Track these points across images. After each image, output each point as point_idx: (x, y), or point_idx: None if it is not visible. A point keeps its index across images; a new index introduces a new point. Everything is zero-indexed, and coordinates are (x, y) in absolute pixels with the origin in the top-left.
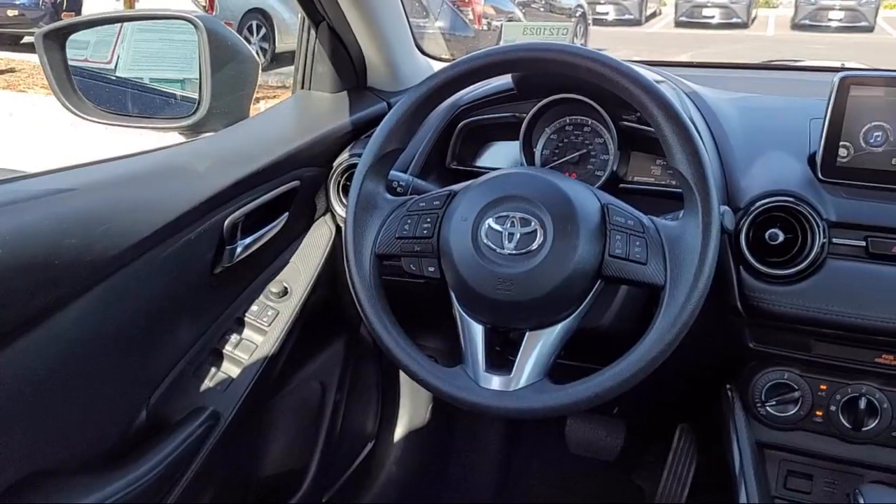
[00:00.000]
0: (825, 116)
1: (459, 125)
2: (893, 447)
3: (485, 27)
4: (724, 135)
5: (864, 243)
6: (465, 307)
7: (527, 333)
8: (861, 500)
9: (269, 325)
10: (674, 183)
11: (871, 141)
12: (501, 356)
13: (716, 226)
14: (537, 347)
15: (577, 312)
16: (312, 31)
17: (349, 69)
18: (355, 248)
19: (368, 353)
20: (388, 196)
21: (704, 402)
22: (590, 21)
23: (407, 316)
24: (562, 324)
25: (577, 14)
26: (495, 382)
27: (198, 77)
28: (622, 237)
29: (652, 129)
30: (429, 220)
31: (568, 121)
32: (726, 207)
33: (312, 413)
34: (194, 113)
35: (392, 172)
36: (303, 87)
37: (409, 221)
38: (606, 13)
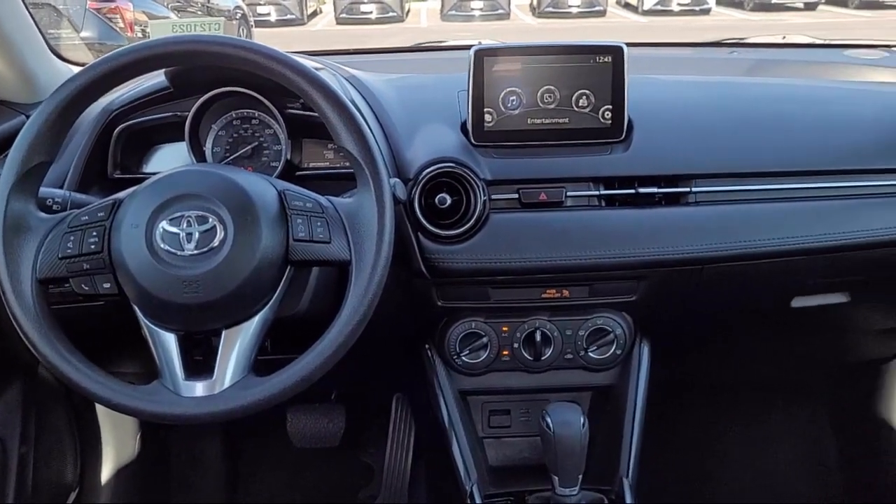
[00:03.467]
0: (468, 87)
1: (116, 130)
2: (567, 369)
3: (138, 34)
4: (385, 113)
5: (516, 195)
6: (152, 318)
7: (223, 332)
8: (548, 419)
9: None
10: (347, 163)
11: (509, 105)
12: (205, 364)
13: (388, 197)
14: (237, 344)
15: (271, 302)
16: None
17: None
18: (11, 278)
19: (53, 393)
20: (43, 215)
21: (412, 367)
22: (252, 23)
23: (93, 344)
24: (258, 316)
25: (238, 16)
26: (198, 389)
27: None
28: (303, 220)
29: (317, 114)
30: (95, 233)
31: (234, 115)
32: (396, 179)
33: None
34: None
35: (43, 189)
36: None
37: (72, 238)
38: (268, 14)
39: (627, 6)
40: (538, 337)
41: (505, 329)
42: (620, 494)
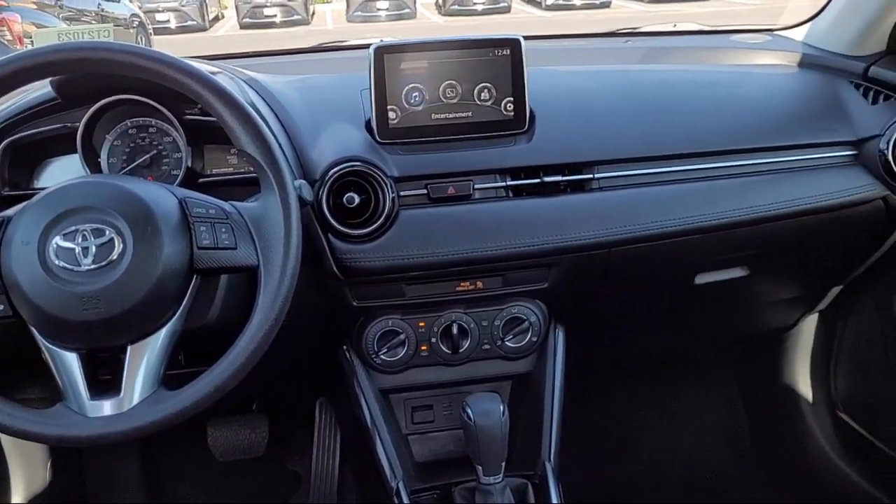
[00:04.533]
0: (370, 85)
1: (1, 145)
2: (486, 359)
3: (28, 46)
4: (287, 114)
5: (425, 191)
6: (51, 339)
7: (129, 348)
8: (469, 411)
9: None
10: (252, 168)
11: (412, 101)
12: (112, 382)
13: (293, 199)
14: (144, 359)
15: (178, 313)
16: None
17: None
18: None
19: None
20: None
21: (332, 369)
22: (150, 31)
23: None
24: (165, 328)
25: (135, 24)
26: (106, 408)
27: None
28: (207, 227)
29: (216, 119)
30: None
31: (129, 124)
32: (302, 181)
33: None
34: None
35: None
36: None
37: None
38: (167, 21)
39: (531, 2)
40: (455, 330)
41: (421, 324)
42: (544, 478)
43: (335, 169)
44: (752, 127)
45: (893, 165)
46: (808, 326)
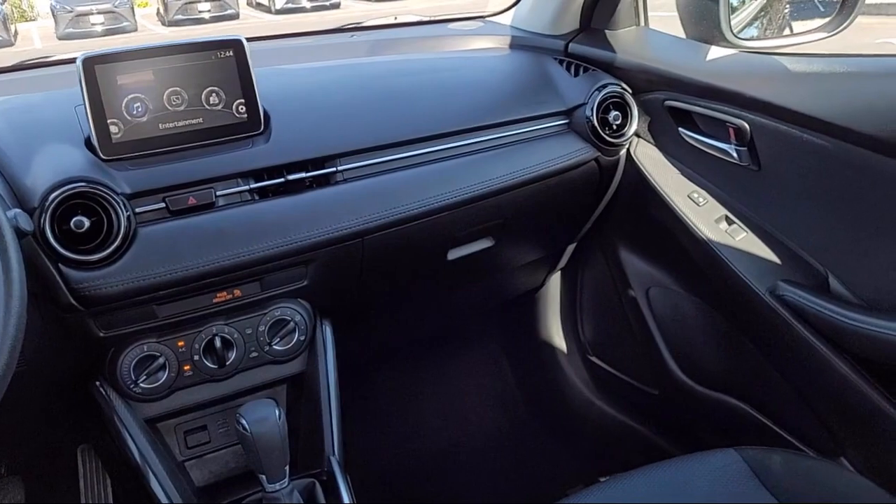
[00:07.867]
0: (84, 100)
1: None
2: (255, 367)
3: None
4: None
5: (164, 204)
6: None
7: None
8: (243, 421)
9: None
10: None
11: (135, 113)
12: None
13: (7, 231)
14: None
15: None
16: None
17: None
18: None
19: None
20: None
21: (87, 410)
22: None
23: None
24: None
25: None
26: None
27: None
28: None
29: None
30: None
31: None
32: (17, 210)
33: None
34: None
35: None
36: None
37: None
38: None
39: (259, 6)
40: (218, 343)
41: (181, 343)
42: (331, 473)
43: (56, 193)
44: (478, 106)
45: (599, 129)
46: (554, 284)
